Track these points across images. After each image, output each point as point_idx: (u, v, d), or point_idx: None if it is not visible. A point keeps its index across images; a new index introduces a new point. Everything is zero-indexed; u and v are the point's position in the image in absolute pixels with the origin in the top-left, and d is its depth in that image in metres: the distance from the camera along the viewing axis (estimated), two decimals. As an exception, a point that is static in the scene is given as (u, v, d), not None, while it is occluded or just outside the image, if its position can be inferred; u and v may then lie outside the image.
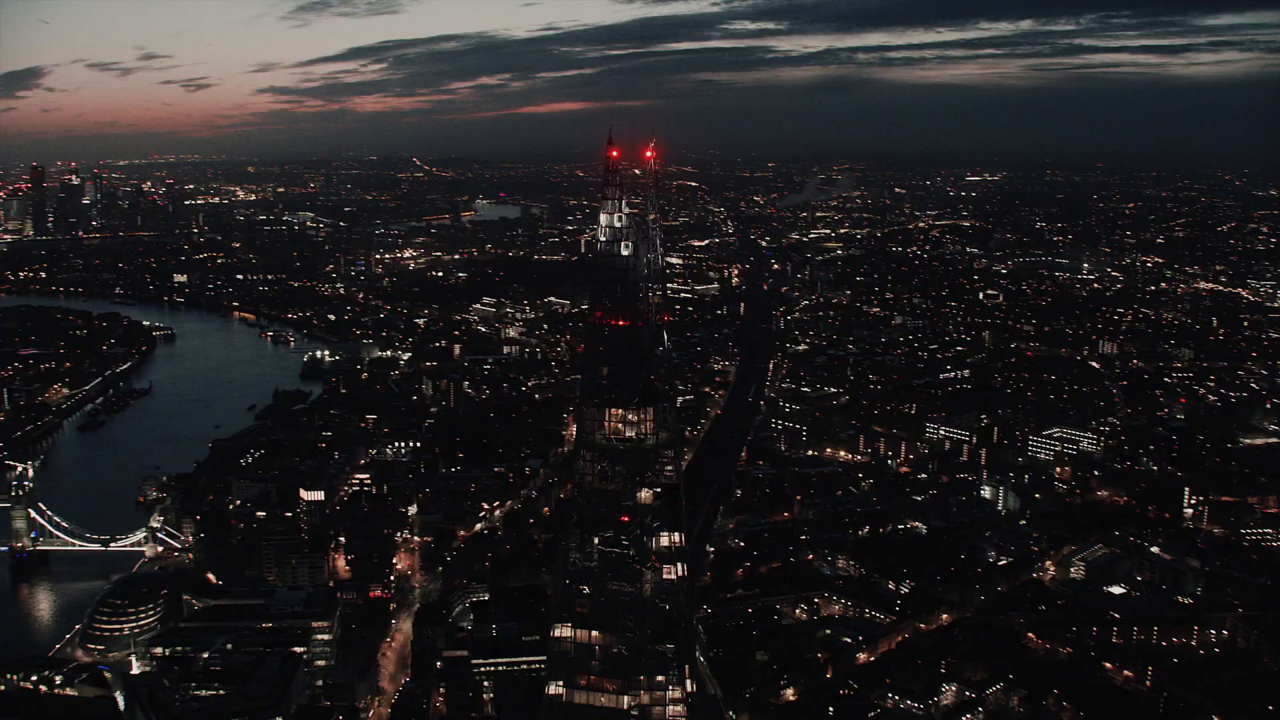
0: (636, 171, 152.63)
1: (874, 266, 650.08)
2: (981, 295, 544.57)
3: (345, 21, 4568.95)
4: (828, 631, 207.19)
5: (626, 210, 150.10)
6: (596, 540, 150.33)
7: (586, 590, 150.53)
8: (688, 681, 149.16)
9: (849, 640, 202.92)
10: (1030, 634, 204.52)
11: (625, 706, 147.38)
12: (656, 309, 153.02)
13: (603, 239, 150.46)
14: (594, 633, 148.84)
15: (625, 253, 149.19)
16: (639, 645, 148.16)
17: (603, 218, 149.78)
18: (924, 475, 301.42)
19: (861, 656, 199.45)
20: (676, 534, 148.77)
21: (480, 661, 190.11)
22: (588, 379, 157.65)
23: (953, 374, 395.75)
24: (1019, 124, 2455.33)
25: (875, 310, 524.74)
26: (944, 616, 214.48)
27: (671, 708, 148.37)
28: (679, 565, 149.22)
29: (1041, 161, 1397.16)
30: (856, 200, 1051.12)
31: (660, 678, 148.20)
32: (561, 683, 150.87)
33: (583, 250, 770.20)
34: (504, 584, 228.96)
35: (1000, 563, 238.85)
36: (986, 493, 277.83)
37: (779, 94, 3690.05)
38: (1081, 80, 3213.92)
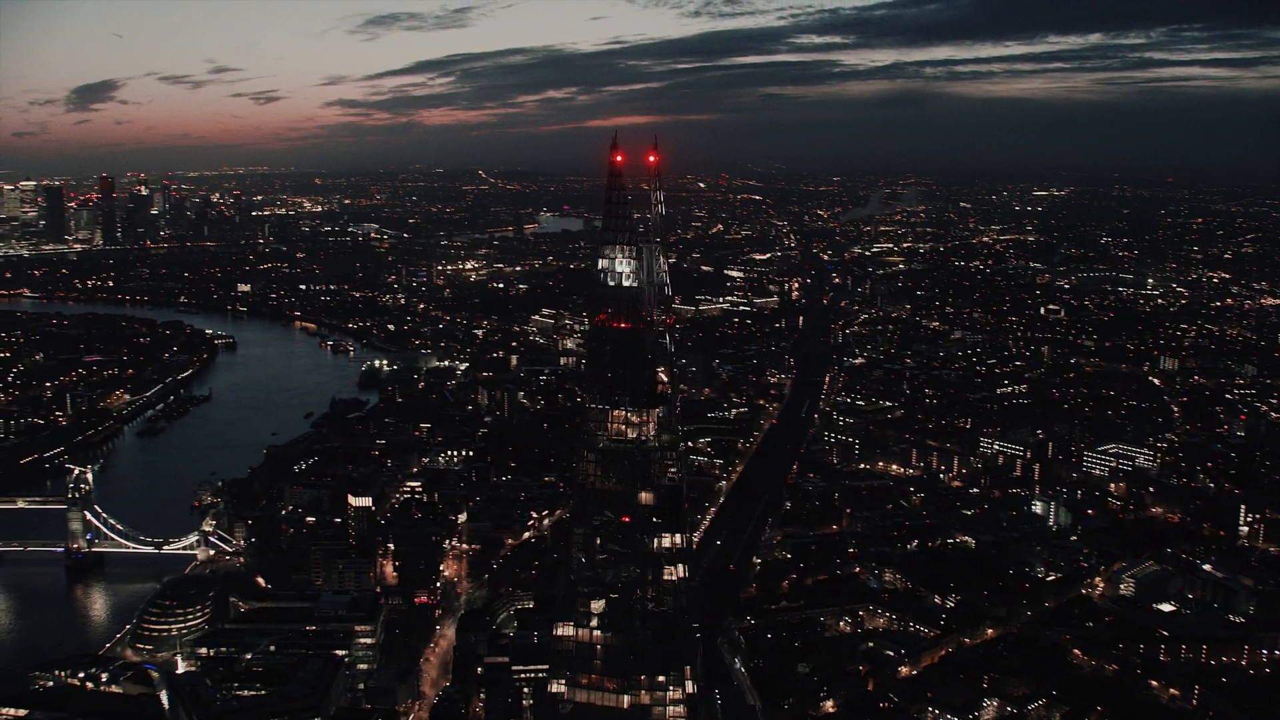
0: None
1: (935, 281, 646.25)
2: (1042, 310, 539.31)
3: (413, 35, 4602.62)
4: (870, 644, 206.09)
5: (629, 212, 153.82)
6: (599, 540, 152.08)
7: (588, 590, 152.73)
8: (688, 682, 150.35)
9: (891, 653, 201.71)
10: (1076, 650, 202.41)
11: (625, 706, 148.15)
12: (660, 312, 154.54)
13: (604, 240, 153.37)
14: (596, 631, 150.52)
15: (626, 257, 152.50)
16: (640, 645, 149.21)
17: (604, 220, 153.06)
18: (975, 490, 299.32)
19: (903, 670, 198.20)
20: (678, 535, 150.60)
21: (521, 668, 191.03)
22: (590, 381, 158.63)
23: (1010, 389, 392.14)
24: (1087, 138, 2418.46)
25: (935, 325, 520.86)
26: (989, 631, 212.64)
27: (672, 708, 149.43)
28: (680, 566, 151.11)
29: (1110, 176, 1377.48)
30: (920, 214, 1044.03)
31: (661, 678, 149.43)
32: (563, 681, 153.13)
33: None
34: (549, 592, 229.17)
35: (1049, 578, 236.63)
36: (1038, 508, 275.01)
37: (845, 108, 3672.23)
38: (1152, 94, 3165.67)
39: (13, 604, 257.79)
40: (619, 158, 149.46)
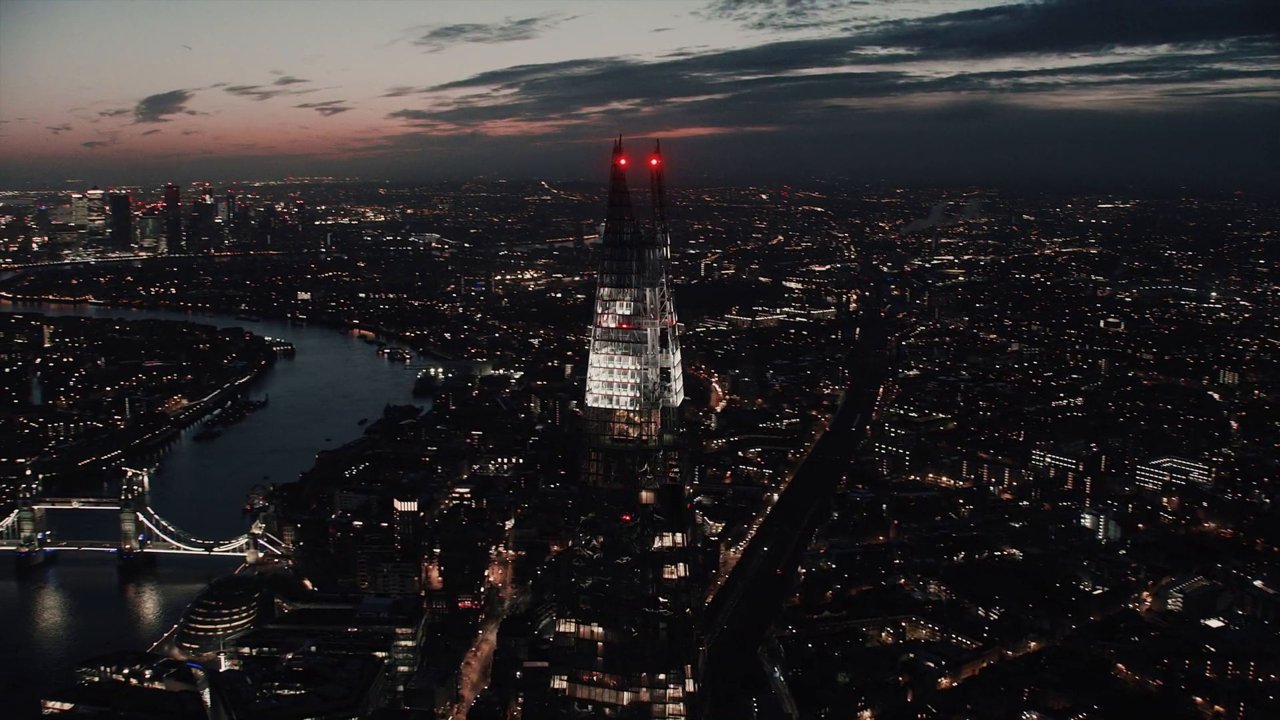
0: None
1: (995, 293, 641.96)
2: (1102, 323, 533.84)
3: (478, 47, 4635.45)
4: (911, 655, 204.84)
5: (631, 214, 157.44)
6: (600, 539, 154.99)
7: (589, 587, 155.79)
8: (689, 681, 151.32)
9: (932, 664, 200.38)
10: (1120, 665, 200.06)
11: (625, 703, 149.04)
12: (662, 312, 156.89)
13: (606, 240, 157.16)
14: (597, 629, 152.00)
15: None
16: (640, 643, 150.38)
17: (607, 221, 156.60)
18: (1025, 503, 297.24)
19: (944, 681, 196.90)
20: (679, 534, 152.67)
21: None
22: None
23: (1065, 402, 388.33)
24: (1154, 150, 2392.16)
25: (992, 337, 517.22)
26: (1032, 644, 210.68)
27: (671, 706, 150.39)
28: (680, 565, 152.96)
29: (1176, 188, 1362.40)
30: (983, 227, 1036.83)
31: (661, 676, 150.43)
32: (565, 678, 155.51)
33: (701, 274, 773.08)
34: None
35: (1095, 592, 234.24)
36: (1087, 521, 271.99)
37: (910, 119, 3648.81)
38: (1221, 105, 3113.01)
39: (66, 602, 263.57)
40: (622, 162, 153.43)
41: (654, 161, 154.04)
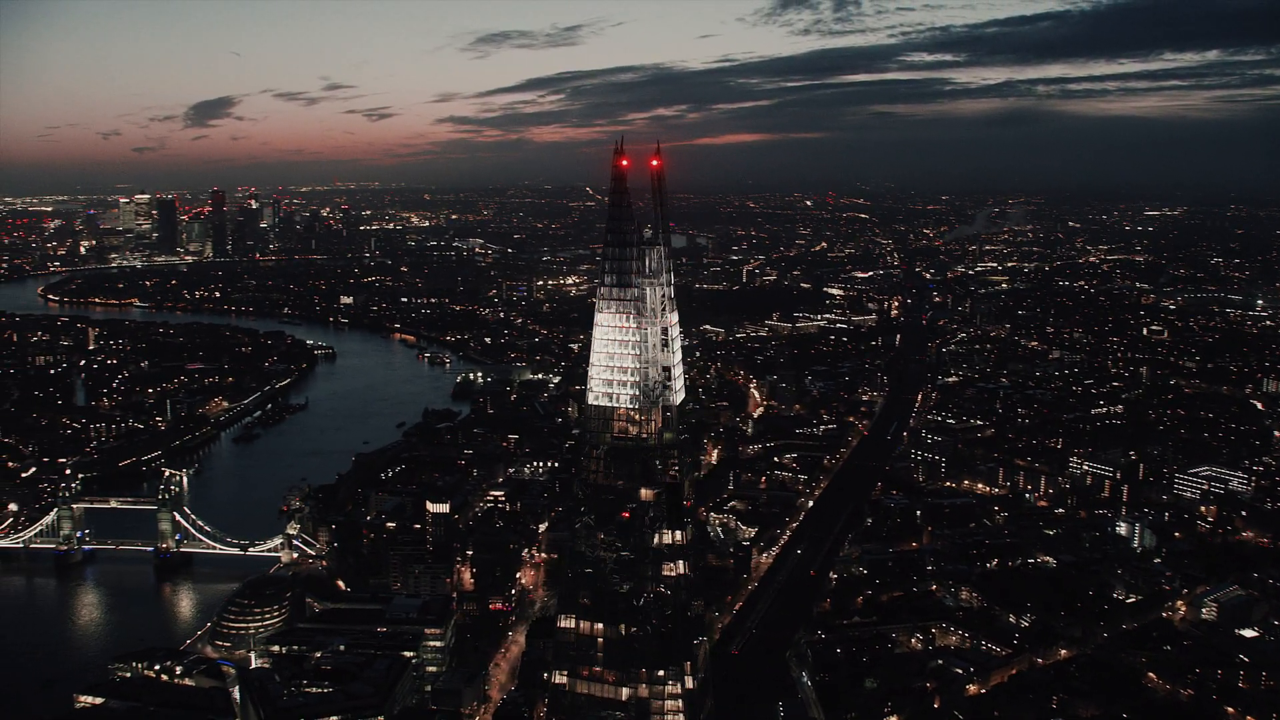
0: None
1: (1037, 300, 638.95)
2: (1145, 331, 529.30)
3: (524, 53, 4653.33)
4: (939, 661, 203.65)
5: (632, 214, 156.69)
6: (601, 535, 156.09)
7: (590, 583, 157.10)
8: (688, 678, 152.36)
9: (960, 671, 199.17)
10: (1151, 674, 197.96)
11: (624, 698, 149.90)
12: (663, 312, 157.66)
13: (606, 240, 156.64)
14: (597, 624, 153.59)
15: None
16: (639, 639, 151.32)
17: (608, 221, 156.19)
18: (1061, 510, 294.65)
19: (971, 688, 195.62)
20: (678, 531, 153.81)
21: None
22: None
23: (1105, 409, 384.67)
24: (1203, 157, 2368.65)
25: (1033, 344, 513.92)
26: (1062, 652, 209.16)
27: (670, 702, 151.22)
28: (680, 562, 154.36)
29: (1225, 196, 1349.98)
30: (1028, 234, 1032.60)
31: (660, 672, 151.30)
32: (565, 672, 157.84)
33: (744, 280, 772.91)
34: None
35: (1128, 600, 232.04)
36: (1122, 529, 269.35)
37: (956, 126, 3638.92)
38: (1272, 111, 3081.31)
39: (103, 599, 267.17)
40: (624, 163, 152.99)
41: (654, 162, 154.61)
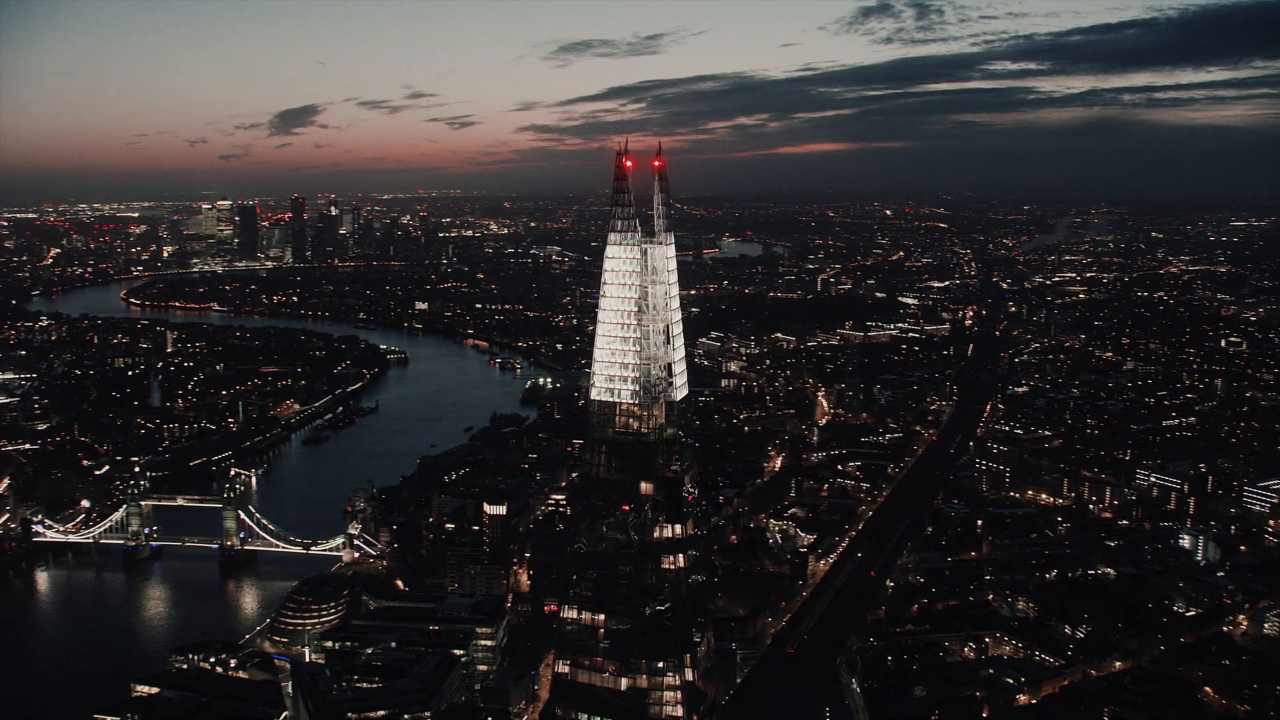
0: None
1: (1115, 311, 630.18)
2: (1223, 342, 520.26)
3: (605, 62, 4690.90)
4: (990, 671, 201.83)
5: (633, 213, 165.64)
6: (603, 528, 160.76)
7: (591, 575, 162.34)
8: (687, 670, 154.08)
9: (1011, 680, 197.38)
10: (1208, 688, 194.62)
11: (623, 688, 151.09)
12: (666, 309, 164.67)
13: (610, 240, 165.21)
14: (598, 616, 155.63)
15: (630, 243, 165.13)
16: (639, 631, 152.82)
17: (613, 221, 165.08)
18: (1125, 522, 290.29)
19: (1022, 698, 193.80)
20: (678, 525, 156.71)
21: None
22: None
23: (1177, 421, 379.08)
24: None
25: (1108, 355, 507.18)
26: (1117, 664, 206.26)
27: (669, 693, 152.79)
28: (680, 555, 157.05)
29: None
30: (1109, 244, 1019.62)
31: (660, 664, 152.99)
32: (567, 662, 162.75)
33: (818, 289, 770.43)
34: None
35: (1188, 613, 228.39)
36: (1185, 541, 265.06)
37: (1040, 135, 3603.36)
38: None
39: (169, 594, 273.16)
40: (628, 163, 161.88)
41: (656, 163, 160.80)
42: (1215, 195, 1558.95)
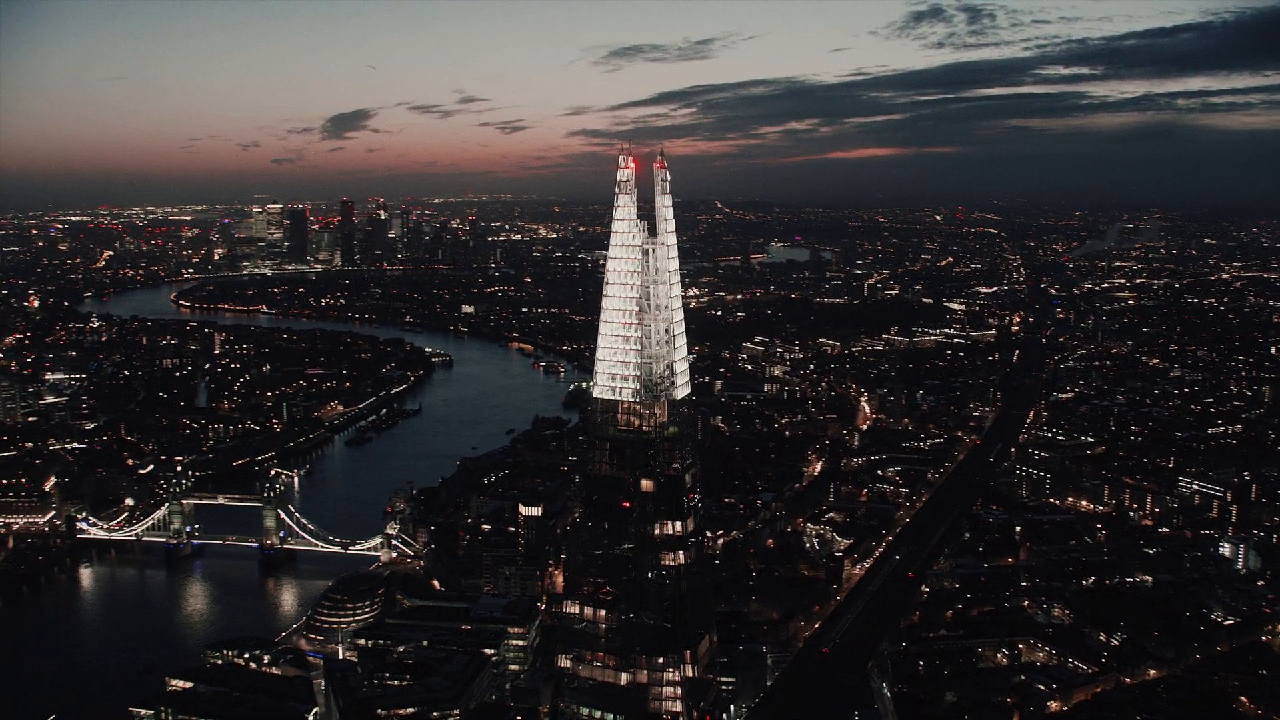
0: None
1: (1164, 317, 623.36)
2: (1274, 349, 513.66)
3: (656, 67, 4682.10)
4: (1022, 677, 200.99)
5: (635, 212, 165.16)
6: (606, 525, 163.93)
7: (593, 571, 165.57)
8: (688, 666, 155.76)
9: (1043, 687, 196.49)
10: (1243, 698, 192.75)
11: (624, 683, 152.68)
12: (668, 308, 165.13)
13: (612, 240, 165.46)
14: (600, 610, 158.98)
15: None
16: (640, 626, 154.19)
17: (615, 221, 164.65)
18: (1165, 529, 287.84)
19: (1053, 705, 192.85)
20: (678, 522, 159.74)
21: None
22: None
23: (1222, 428, 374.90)
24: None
25: (1155, 361, 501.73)
26: (1151, 672, 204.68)
27: (669, 689, 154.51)
28: (680, 552, 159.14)
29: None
30: (1161, 250, 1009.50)
31: (660, 659, 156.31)
32: (569, 657, 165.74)
33: (865, 294, 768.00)
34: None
35: (1226, 622, 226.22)
36: (1225, 550, 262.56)
37: (1093, 140, 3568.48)
38: None
39: (209, 591, 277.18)
40: (632, 165, 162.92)
41: (659, 165, 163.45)
42: (1270, 200, 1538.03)
